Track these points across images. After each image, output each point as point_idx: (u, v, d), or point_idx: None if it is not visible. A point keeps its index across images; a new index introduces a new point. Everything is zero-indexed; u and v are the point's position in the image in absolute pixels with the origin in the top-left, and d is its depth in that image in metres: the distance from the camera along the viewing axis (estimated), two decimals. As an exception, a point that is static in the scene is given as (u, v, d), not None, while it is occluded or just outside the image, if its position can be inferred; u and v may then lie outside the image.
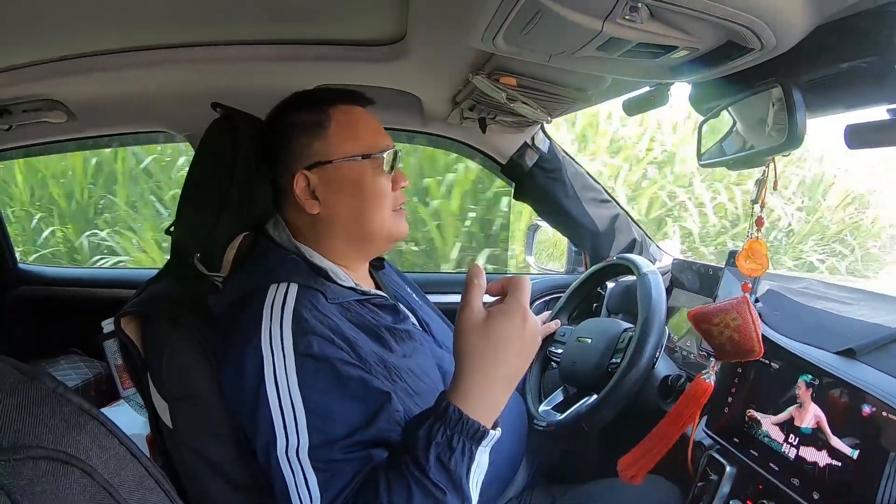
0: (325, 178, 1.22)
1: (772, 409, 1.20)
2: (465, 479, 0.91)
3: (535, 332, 0.95)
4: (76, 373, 2.41)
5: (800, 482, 1.10)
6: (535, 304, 2.30)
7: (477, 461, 0.92)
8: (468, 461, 0.91)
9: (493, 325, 0.92)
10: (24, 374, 0.62)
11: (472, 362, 0.92)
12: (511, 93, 1.49)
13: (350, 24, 1.47)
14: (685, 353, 1.65)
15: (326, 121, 1.23)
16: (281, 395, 0.99)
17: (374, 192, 1.23)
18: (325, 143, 1.23)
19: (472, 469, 0.92)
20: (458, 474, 0.90)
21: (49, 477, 0.56)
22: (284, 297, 1.09)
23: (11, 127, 1.99)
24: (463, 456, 0.91)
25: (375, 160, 1.24)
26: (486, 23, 0.97)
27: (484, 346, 0.92)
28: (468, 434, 0.91)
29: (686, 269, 1.82)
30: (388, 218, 1.26)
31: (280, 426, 0.98)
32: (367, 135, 1.25)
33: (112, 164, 5.38)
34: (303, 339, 1.04)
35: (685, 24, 0.85)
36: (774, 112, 1.04)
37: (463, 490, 0.91)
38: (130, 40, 1.56)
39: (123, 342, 1.22)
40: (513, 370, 0.94)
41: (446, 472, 0.90)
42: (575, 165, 2.24)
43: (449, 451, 0.90)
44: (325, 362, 1.03)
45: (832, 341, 1.20)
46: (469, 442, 0.91)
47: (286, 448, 0.97)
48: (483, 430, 0.92)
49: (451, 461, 0.90)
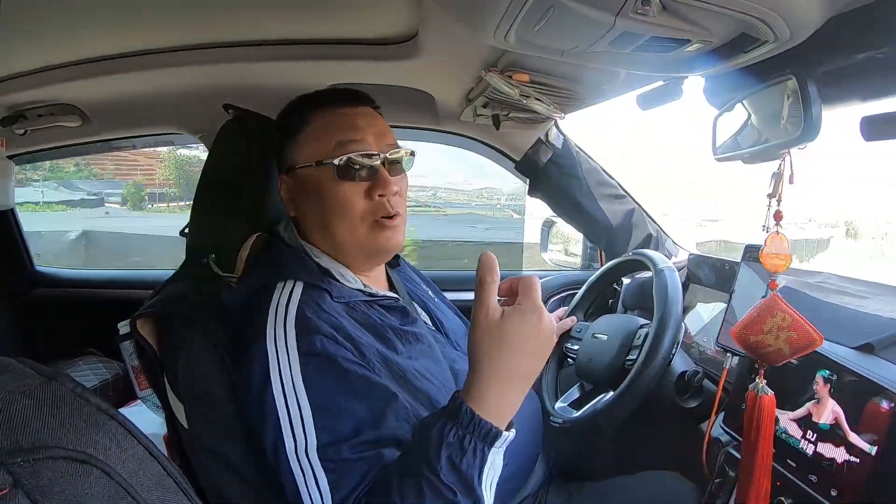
0: (293, 183, 1.23)
1: (789, 404, 1.19)
2: (477, 481, 0.90)
3: (551, 332, 0.94)
4: (94, 373, 2.43)
5: (817, 478, 1.09)
6: (551, 301, 2.29)
7: (490, 462, 0.92)
8: (480, 462, 0.90)
9: (509, 326, 0.91)
10: (42, 375, 0.62)
11: (488, 363, 0.91)
12: (524, 89, 1.48)
13: (362, 23, 1.48)
14: (701, 348, 1.64)
15: (301, 125, 1.22)
16: (287, 394, 1.00)
17: (333, 201, 1.18)
18: (293, 148, 1.23)
19: (484, 470, 0.91)
20: (469, 475, 0.89)
21: (68, 477, 0.56)
22: (289, 295, 1.09)
23: (27, 131, 2.01)
24: (475, 457, 0.90)
25: (340, 167, 1.17)
26: (498, 19, 0.96)
27: (499, 346, 0.91)
28: (480, 435, 0.90)
29: (702, 263, 1.81)
30: (361, 229, 1.19)
31: (287, 425, 0.98)
32: (336, 139, 1.18)
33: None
34: (307, 337, 1.04)
35: (698, 16, 0.84)
36: (789, 104, 1.03)
37: (475, 491, 0.90)
38: (143, 43, 1.58)
39: (139, 343, 1.23)
40: (528, 370, 0.94)
41: (457, 473, 0.89)
42: (590, 161, 2.23)
43: (461, 452, 0.89)
44: (328, 360, 1.03)
45: (850, 336, 1.19)
46: (481, 443, 0.90)
47: (294, 448, 0.97)
48: (496, 431, 0.91)
49: (462, 462, 0.89)
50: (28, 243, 2.72)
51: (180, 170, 7.91)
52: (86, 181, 8.20)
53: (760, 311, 1.09)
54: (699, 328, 1.69)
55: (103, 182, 8.31)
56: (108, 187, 8.30)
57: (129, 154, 7.67)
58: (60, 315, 2.65)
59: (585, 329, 1.68)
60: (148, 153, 7.97)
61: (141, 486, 0.62)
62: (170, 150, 7.63)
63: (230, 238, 1.28)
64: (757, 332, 1.10)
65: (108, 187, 8.29)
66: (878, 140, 0.92)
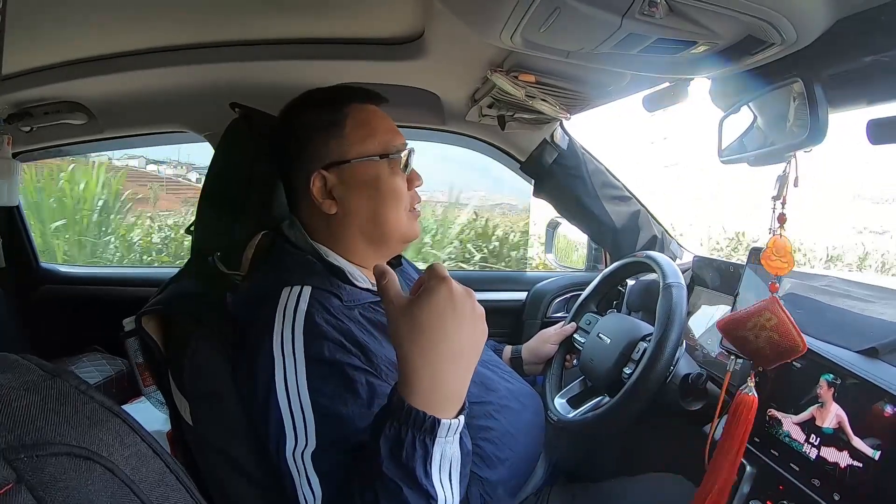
0: (342, 178, 1.22)
1: (793, 408, 1.18)
2: (422, 473, 0.87)
3: (471, 306, 0.92)
4: (98, 370, 2.44)
5: (820, 483, 1.09)
6: (555, 303, 2.30)
7: (438, 453, 0.89)
8: (423, 454, 0.88)
9: (418, 306, 0.89)
10: (46, 371, 0.62)
11: (409, 349, 0.88)
12: (530, 90, 1.49)
13: (369, 22, 1.48)
14: (705, 351, 1.64)
15: (343, 119, 1.23)
16: (291, 398, 1.00)
17: (390, 192, 1.23)
18: (341, 143, 1.22)
19: (430, 462, 0.88)
20: (411, 467, 0.87)
21: (71, 473, 0.56)
22: (297, 300, 1.09)
23: (33, 129, 2.02)
24: (414, 449, 0.87)
25: (393, 160, 1.23)
26: (504, 20, 0.96)
27: (414, 330, 0.88)
28: (416, 425, 0.87)
29: (707, 266, 1.80)
30: (404, 218, 1.26)
31: (290, 428, 0.98)
32: (383, 134, 1.24)
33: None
34: (314, 343, 1.03)
35: (704, 18, 0.84)
36: (796, 107, 1.03)
37: (420, 485, 0.87)
38: (149, 41, 1.58)
39: (145, 340, 1.23)
40: (457, 348, 0.90)
41: (399, 466, 0.87)
42: (595, 162, 2.23)
43: (399, 445, 0.87)
44: (335, 367, 1.02)
45: (855, 340, 1.19)
46: (419, 433, 0.87)
47: (294, 449, 0.97)
48: (432, 420, 0.87)
49: (402, 455, 0.87)
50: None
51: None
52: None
53: (750, 309, 1.11)
54: (703, 331, 1.69)
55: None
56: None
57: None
58: (65, 312, 2.66)
59: (595, 323, 1.67)
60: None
61: (144, 483, 0.63)
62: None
63: (236, 236, 1.28)
64: (739, 328, 1.12)
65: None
66: (885, 143, 0.92)
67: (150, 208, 7.13)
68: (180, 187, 7.88)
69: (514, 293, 2.44)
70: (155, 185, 7.51)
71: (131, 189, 6.73)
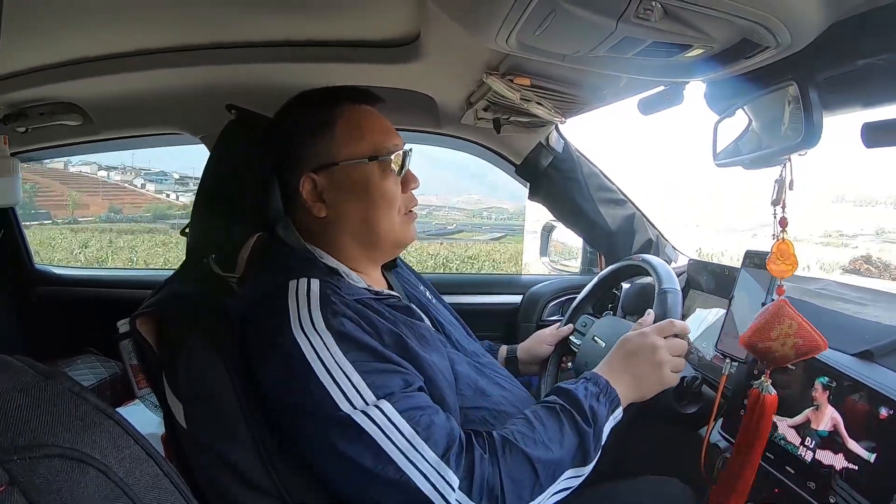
0: (331, 180, 1.22)
1: (788, 411, 1.19)
2: (604, 428, 1.17)
3: (661, 361, 1.26)
4: (92, 372, 2.43)
5: (816, 485, 1.09)
6: (550, 306, 2.30)
7: (609, 425, 1.18)
8: (606, 415, 1.17)
9: (630, 339, 1.29)
10: (40, 373, 0.62)
11: (611, 356, 1.29)
12: (525, 93, 1.48)
13: (365, 25, 1.48)
14: (700, 354, 1.64)
15: (333, 121, 1.22)
16: (331, 370, 1.02)
17: (382, 194, 1.23)
18: (330, 145, 1.22)
19: (604, 427, 1.17)
20: (601, 422, 1.16)
21: (64, 475, 0.56)
22: (308, 287, 1.10)
23: (28, 130, 2.01)
24: (606, 409, 1.18)
25: (383, 162, 1.23)
26: (499, 23, 0.96)
27: (620, 349, 1.30)
28: (609, 397, 1.19)
29: (702, 269, 1.81)
30: (397, 222, 1.26)
31: (341, 397, 1.00)
32: (375, 135, 1.24)
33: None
34: (334, 319, 1.06)
35: (699, 22, 0.84)
36: (790, 110, 1.03)
37: (601, 436, 1.17)
38: (145, 42, 1.57)
39: (139, 342, 1.22)
40: (637, 374, 1.26)
41: (595, 417, 1.15)
42: (590, 165, 2.23)
43: (597, 402, 1.17)
44: (357, 340, 1.06)
45: (850, 343, 1.19)
46: (609, 404, 1.19)
47: (353, 406, 1.00)
48: (618, 399, 1.20)
49: (599, 408, 1.17)
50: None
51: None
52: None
53: (769, 317, 1.10)
54: (698, 334, 1.69)
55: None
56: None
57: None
58: (59, 314, 2.65)
59: (590, 325, 1.67)
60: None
61: (137, 486, 0.62)
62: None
63: (231, 238, 1.28)
64: (765, 339, 1.10)
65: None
66: (879, 147, 0.92)
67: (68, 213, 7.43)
68: (123, 192, 8.09)
69: (509, 296, 2.44)
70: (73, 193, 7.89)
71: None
